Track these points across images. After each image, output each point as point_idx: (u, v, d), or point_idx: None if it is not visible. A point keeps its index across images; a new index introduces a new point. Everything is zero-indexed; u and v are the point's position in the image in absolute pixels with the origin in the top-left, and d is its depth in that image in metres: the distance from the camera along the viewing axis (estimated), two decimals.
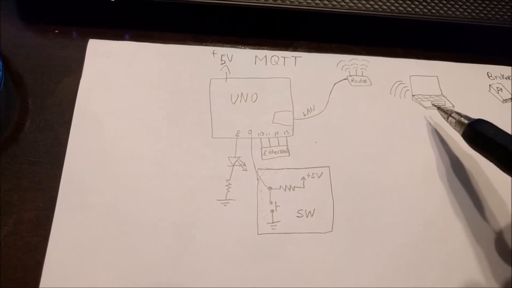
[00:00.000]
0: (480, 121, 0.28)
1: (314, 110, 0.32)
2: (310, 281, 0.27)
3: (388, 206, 0.30)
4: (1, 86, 0.30)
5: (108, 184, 0.29)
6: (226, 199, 0.29)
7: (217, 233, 0.28)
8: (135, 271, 0.27)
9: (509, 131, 0.32)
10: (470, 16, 0.34)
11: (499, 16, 0.34)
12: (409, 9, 0.34)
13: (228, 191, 0.29)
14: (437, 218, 0.30)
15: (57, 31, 0.34)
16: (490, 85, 0.35)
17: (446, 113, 0.31)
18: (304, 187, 0.30)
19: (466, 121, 0.29)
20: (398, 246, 0.29)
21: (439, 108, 0.32)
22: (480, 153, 0.28)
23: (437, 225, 0.30)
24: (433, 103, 0.33)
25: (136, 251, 0.27)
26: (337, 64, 0.34)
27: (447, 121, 0.31)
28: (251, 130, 0.31)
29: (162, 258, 0.27)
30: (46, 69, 0.32)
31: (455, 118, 0.30)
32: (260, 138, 0.31)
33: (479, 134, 0.27)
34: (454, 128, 0.30)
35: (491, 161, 0.27)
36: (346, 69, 0.34)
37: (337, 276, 0.28)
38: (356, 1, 0.33)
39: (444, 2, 0.34)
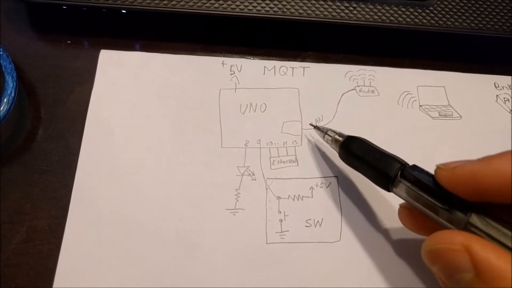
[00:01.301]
0: (350, 140, 0.28)
1: (322, 120, 0.33)
2: None
3: (396, 216, 0.30)
4: (15, 96, 0.30)
5: (119, 192, 0.29)
6: (235, 208, 0.29)
7: (226, 242, 0.29)
8: (145, 279, 0.27)
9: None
10: (477, 27, 0.34)
11: (506, 27, 0.34)
12: (417, 20, 0.34)
13: (237, 200, 0.30)
14: None
15: (69, 41, 0.34)
16: (497, 95, 0.35)
17: (322, 131, 0.30)
18: (312, 196, 0.30)
19: (340, 139, 0.28)
20: (406, 257, 0.29)
21: (315, 127, 0.31)
22: (357, 171, 0.28)
23: None
24: (310, 123, 0.32)
25: (146, 259, 0.28)
26: (345, 74, 0.35)
27: (324, 140, 0.30)
28: (260, 139, 0.32)
29: (171, 266, 0.28)
30: (58, 79, 0.33)
31: (330, 136, 0.29)
32: (269, 147, 0.32)
33: (350, 153, 0.27)
34: (331, 147, 0.30)
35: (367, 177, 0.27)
36: (354, 79, 0.34)
37: (345, 285, 0.28)
38: (364, 13, 0.34)
39: (451, 13, 0.34)
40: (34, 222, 0.29)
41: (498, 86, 0.35)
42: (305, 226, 0.29)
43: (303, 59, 0.35)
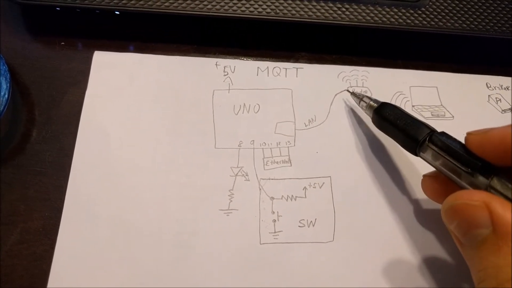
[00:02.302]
0: (383, 106, 0.29)
1: (315, 120, 0.33)
2: None
3: (390, 216, 0.30)
4: (9, 98, 0.30)
5: (112, 194, 0.29)
6: (228, 209, 0.30)
7: (220, 242, 0.29)
8: (140, 280, 0.27)
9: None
10: (469, 28, 0.34)
11: (497, 28, 0.35)
12: (409, 21, 0.34)
13: (231, 201, 0.30)
14: (440, 227, 0.30)
15: (63, 43, 0.34)
16: (489, 95, 0.35)
17: (358, 97, 0.32)
18: (305, 197, 0.30)
19: (375, 105, 0.30)
20: (400, 256, 0.29)
21: (352, 93, 0.33)
22: (388, 135, 0.29)
23: (439, 234, 0.30)
24: (346, 89, 0.34)
25: (140, 261, 0.28)
26: (338, 75, 0.35)
27: (359, 106, 0.32)
28: (253, 140, 0.32)
29: (165, 267, 0.28)
30: (52, 80, 0.33)
31: (366, 102, 0.31)
32: (263, 148, 0.32)
33: (383, 118, 0.29)
34: (365, 113, 0.31)
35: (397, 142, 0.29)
36: (347, 80, 0.35)
37: (339, 285, 0.28)
38: (356, 14, 0.34)
39: (444, 14, 0.34)
40: (28, 224, 0.29)
41: (490, 86, 0.36)
42: (299, 226, 0.30)
43: (296, 60, 0.35)
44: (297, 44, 0.36)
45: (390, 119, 0.28)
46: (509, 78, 0.36)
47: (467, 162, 0.23)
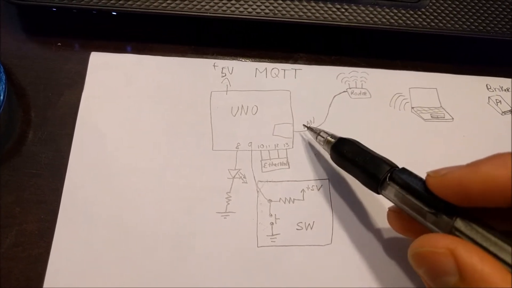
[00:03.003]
0: (341, 142, 0.28)
1: (313, 122, 0.33)
2: None
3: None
4: (4, 99, 0.30)
5: (109, 196, 0.29)
6: (226, 212, 0.29)
7: (217, 245, 0.28)
8: (136, 282, 0.27)
9: (509, 143, 0.33)
10: (469, 29, 0.34)
11: (497, 29, 0.34)
12: (409, 22, 0.34)
13: (228, 203, 0.30)
14: None
15: (59, 43, 0.34)
16: (489, 97, 0.35)
17: (315, 132, 0.30)
18: (303, 199, 0.30)
19: (332, 140, 0.29)
20: (397, 259, 0.29)
21: (308, 128, 0.31)
22: (348, 173, 0.28)
23: None
24: (303, 124, 0.32)
25: (136, 263, 0.28)
26: (337, 76, 0.34)
27: (316, 141, 0.31)
28: (251, 142, 0.32)
29: (162, 269, 0.28)
30: (48, 81, 0.33)
31: (323, 137, 0.30)
32: (260, 150, 0.31)
33: (340, 155, 0.28)
34: (323, 148, 0.30)
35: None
36: (345, 81, 0.34)
37: None
38: (355, 14, 0.34)
39: (443, 15, 0.34)
40: (24, 226, 0.28)
41: (490, 88, 0.35)
42: (296, 229, 0.29)
43: (295, 61, 0.35)
44: (296, 45, 0.36)
45: (348, 156, 0.27)
46: (509, 80, 0.36)
47: (430, 202, 0.22)
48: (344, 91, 0.34)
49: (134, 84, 0.33)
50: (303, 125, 0.32)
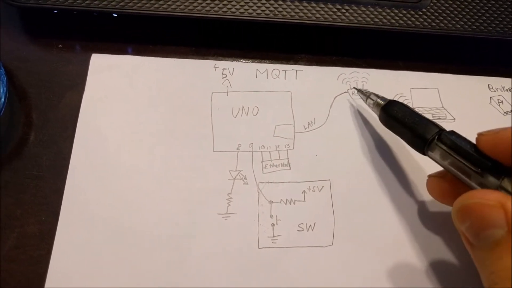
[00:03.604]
0: (391, 103, 0.29)
1: (314, 123, 0.32)
2: None
3: (390, 219, 0.30)
4: (5, 101, 0.30)
5: (110, 197, 0.29)
6: (227, 213, 0.29)
7: (218, 247, 0.28)
8: (136, 284, 0.27)
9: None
10: (470, 29, 0.34)
11: (499, 29, 0.34)
12: (410, 22, 0.34)
13: (229, 205, 0.30)
14: (442, 231, 0.30)
15: (60, 45, 0.34)
16: (491, 97, 0.35)
17: (365, 95, 0.31)
18: (304, 200, 0.30)
19: (382, 103, 0.29)
20: (400, 260, 0.29)
21: (359, 90, 0.32)
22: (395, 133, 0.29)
23: (441, 238, 0.30)
24: (354, 87, 0.33)
25: (138, 265, 0.28)
26: (338, 77, 0.34)
27: (366, 103, 0.31)
28: (252, 143, 0.32)
29: (163, 271, 0.28)
30: (49, 83, 0.33)
31: (373, 100, 0.30)
32: (261, 151, 0.31)
33: (390, 116, 0.28)
34: (372, 110, 0.31)
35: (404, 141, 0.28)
36: (347, 82, 0.34)
37: None
38: (356, 15, 0.33)
39: (445, 15, 0.34)
40: (25, 228, 0.28)
41: (492, 88, 0.35)
42: (298, 230, 0.29)
43: (295, 61, 0.35)
44: (297, 45, 0.35)
45: (398, 117, 0.28)
46: (511, 80, 0.36)
47: (477, 162, 0.23)
48: (345, 92, 0.34)
49: (135, 85, 0.33)
50: (354, 87, 0.33)
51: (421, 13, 0.34)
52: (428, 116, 0.33)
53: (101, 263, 0.27)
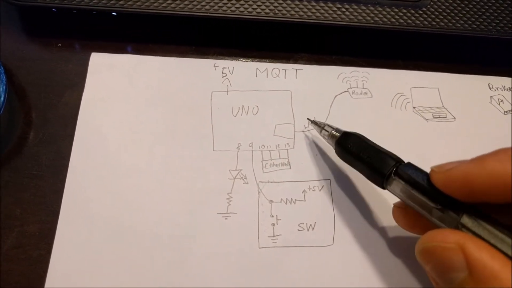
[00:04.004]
0: (346, 136, 0.28)
1: None
2: None
3: (391, 219, 0.30)
4: (5, 100, 0.30)
5: (110, 197, 0.29)
6: (227, 213, 0.29)
7: (218, 246, 0.28)
8: (137, 283, 0.27)
9: (509, 144, 0.33)
10: (470, 28, 0.34)
11: (499, 28, 0.34)
12: (410, 21, 0.34)
13: (229, 204, 0.29)
14: None
15: (59, 44, 0.34)
16: (491, 96, 0.35)
17: (319, 126, 0.30)
18: (305, 200, 0.30)
19: (337, 135, 0.28)
20: (401, 260, 0.29)
21: (312, 121, 0.31)
22: (353, 167, 0.28)
23: None
24: (308, 118, 0.32)
25: (137, 264, 0.28)
26: (338, 76, 0.34)
27: (321, 135, 0.30)
28: (252, 143, 0.31)
29: (164, 271, 0.27)
30: (49, 82, 0.33)
31: (327, 131, 0.29)
32: (261, 151, 0.31)
33: (345, 150, 0.27)
34: (328, 142, 0.30)
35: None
36: (347, 81, 0.34)
37: None
38: (356, 14, 0.33)
39: (445, 14, 0.34)
40: (25, 228, 0.28)
41: (492, 87, 0.35)
42: (298, 230, 0.29)
43: (295, 60, 0.35)
44: (297, 44, 0.35)
45: (353, 151, 0.27)
46: (511, 79, 0.35)
47: (436, 197, 0.22)
48: (345, 91, 0.34)
49: (134, 84, 0.33)
50: (307, 118, 0.32)
51: (421, 12, 0.34)
52: (428, 116, 0.33)
53: (101, 263, 0.27)
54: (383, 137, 0.32)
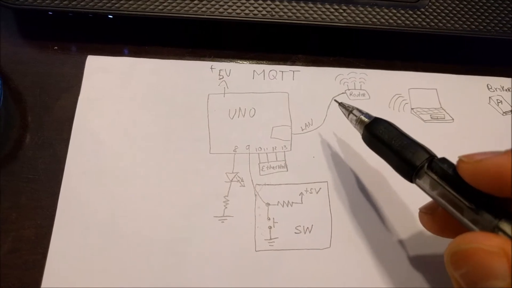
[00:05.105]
0: (376, 122, 0.26)
1: (312, 124, 0.32)
2: None
3: (388, 221, 0.30)
4: (1, 103, 0.30)
5: (106, 201, 0.29)
6: (223, 216, 0.29)
7: (214, 249, 0.28)
8: (133, 287, 0.27)
9: (508, 145, 0.32)
10: (469, 29, 0.34)
11: (498, 28, 0.34)
12: (408, 22, 0.33)
13: (226, 207, 0.29)
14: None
15: (56, 47, 0.34)
16: (490, 97, 0.35)
17: (347, 109, 0.28)
18: (302, 202, 0.30)
19: (366, 120, 0.27)
20: (397, 263, 0.29)
21: (340, 103, 0.29)
22: (380, 156, 0.26)
23: (439, 240, 0.29)
24: (335, 99, 0.31)
25: (133, 268, 0.27)
26: (335, 77, 0.34)
27: (348, 119, 0.28)
28: (249, 145, 0.31)
29: (160, 275, 0.27)
30: (45, 85, 0.32)
31: (355, 116, 0.27)
32: (258, 153, 0.31)
33: (375, 137, 0.26)
34: (355, 127, 0.28)
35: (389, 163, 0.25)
36: (344, 82, 0.34)
37: None
38: (354, 15, 0.33)
39: (443, 15, 0.34)
40: (21, 232, 0.28)
41: (490, 88, 0.35)
42: (295, 233, 0.29)
43: (293, 62, 0.35)
44: (294, 46, 0.35)
45: (384, 138, 0.25)
46: (510, 80, 0.35)
47: (472, 196, 0.20)
48: (342, 93, 0.34)
49: (131, 87, 0.32)
50: (335, 100, 0.31)
51: (419, 12, 0.34)
52: (427, 117, 0.33)
53: (97, 266, 0.27)
54: None
